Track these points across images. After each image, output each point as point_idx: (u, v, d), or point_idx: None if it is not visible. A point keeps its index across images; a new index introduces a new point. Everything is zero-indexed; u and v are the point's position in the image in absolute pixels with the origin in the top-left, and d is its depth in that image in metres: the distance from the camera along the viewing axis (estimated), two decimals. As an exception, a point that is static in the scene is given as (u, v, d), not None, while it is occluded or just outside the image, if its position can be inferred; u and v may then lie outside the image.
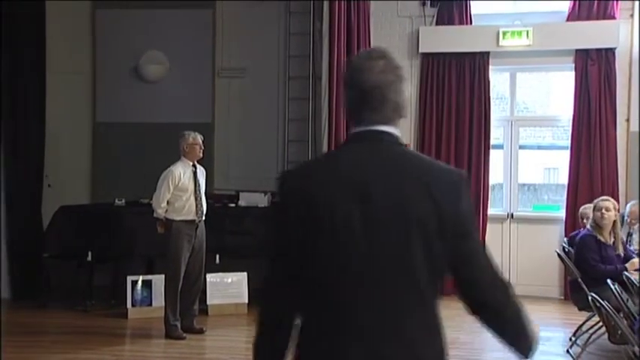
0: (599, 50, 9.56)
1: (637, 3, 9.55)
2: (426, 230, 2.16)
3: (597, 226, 7.17)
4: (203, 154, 7.60)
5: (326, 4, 8.77)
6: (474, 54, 9.85)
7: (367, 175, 2.20)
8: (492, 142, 9.98)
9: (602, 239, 7.12)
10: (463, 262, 2.25)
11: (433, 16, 10.00)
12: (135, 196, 9.11)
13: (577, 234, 7.80)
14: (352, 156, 2.27)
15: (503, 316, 2.30)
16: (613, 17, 9.55)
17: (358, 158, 2.25)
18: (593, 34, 9.53)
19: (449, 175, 2.27)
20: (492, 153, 9.98)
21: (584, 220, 7.84)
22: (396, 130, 2.30)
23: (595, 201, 7.43)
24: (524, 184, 10.48)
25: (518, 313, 2.32)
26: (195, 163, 7.54)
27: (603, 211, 7.15)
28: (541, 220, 10.10)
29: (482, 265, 2.28)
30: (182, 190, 7.38)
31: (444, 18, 9.95)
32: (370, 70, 2.24)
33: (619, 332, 4.65)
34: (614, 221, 7.19)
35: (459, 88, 9.93)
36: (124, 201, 9.29)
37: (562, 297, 9.49)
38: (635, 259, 6.77)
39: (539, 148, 10.77)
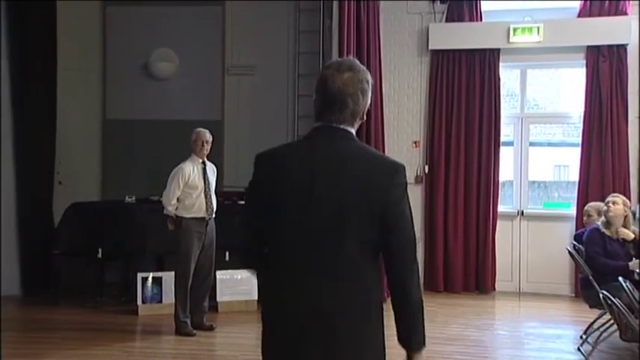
0: (610, 46, 9.56)
1: (650, -3, 9.57)
2: (357, 212, 2.62)
3: (606, 221, 7.19)
4: (212, 151, 7.62)
5: (335, 2, 8.76)
6: (484, 51, 9.88)
7: (316, 162, 2.69)
8: (502, 139, 9.99)
9: (609, 234, 7.16)
10: (388, 243, 2.65)
11: (443, 13, 10.04)
12: (145, 194, 9.14)
13: (583, 232, 7.81)
14: (309, 145, 2.80)
15: (408, 300, 2.68)
16: (625, 13, 9.54)
17: (313, 148, 2.76)
18: (604, 30, 9.53)
19: (385, 166, 2.70)
20: (502, 150, 9.99)
21: (585, 218, 7.89)
22: (352, 127, 2.77)
23: (607, 199, 7.44)
24: (534, 182, 10.49)
25: (419, 305, 2.69)
26: (205, 160, 7.55)
27: (610, 204, 7.17)
28: (551, 217, 10.09)
29: (403, 258, 2.66)
30: (192, 187, 7.40)
31: (454, 15, 9.98)
32: (335, 81, 2.71)
33: (631, 330, 4.63)
34: (626, 217, 7.20)
35: (468, 85, 9.96)
36: (134, 198, 9.30)
37: (573, 294, 9.49)
38: (637, 261, 6.76)
39: (550, 145, 10.80)
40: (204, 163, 7.54)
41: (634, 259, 6.87)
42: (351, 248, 2.63)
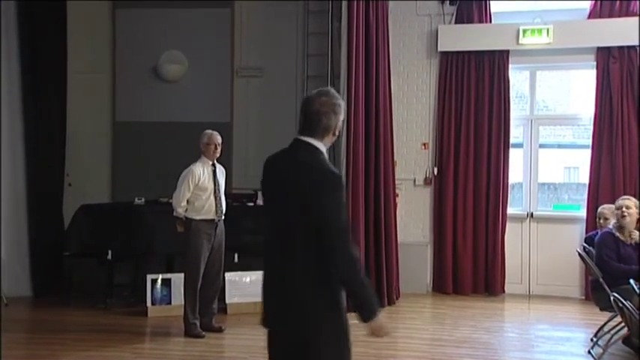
0: (620, 48, 9.56)
1: (660, 0, 9.56)
2: (301, 211, 3.40)
3: (619, 225, 7.16)
4: (221, 153, 7.63)
5: (344, 4, 8.74)
6: (493, 52, 9.89)
7: (287, 169, 3.56)
8: (512, 140, 10.00)
9: (622, 238, 7.14)
10: (323, 240, 3.38)
11: (452, 15, 10.06)
12: (154, 195, 9.15)
13: (594, 234, 7.79)
14: (287, 154, 3.63)
15: (349, 287, 3.45)
16: (635, 14, 9.50)
17: (287, 156, 3.62)
18: (614, 31, 9.53)
19: (321, 176, 3.44)
20: (512, 152, 9.99)
21: (601, 220, 7.82)
22: (319, 142, 3.55)
23: (618, 200, 7.40)
24: (544, 184, 10.48)
25: (361, 288, 3.42)
26: (215, 162, 7.56)
27: (624, 209, 7.17)
28: (561, 219, 10.08)
29: (332, 244, 3.38)
30: (202, 189, 7.41)
31: (463, 16, 9.99)
32: (313, 103, 3.54)
33: (641, 332, 4.61)
34: (638, 219, 7.17)
35: (478, 87, 9.97)
36: (143, 200, 9.32)
37: (583, 297, 9.50)
38: None
39: (560, 146, 10.79)
40: (214, 165, 7.55)
41: None
42: (295, 233, 3.44)
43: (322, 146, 3.57)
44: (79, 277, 9.41)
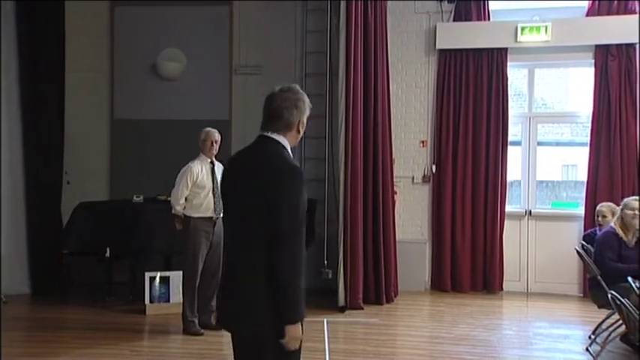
0: (619, 46, 9.58)
1: (658, -2, 9.59)
2: (258, 202, 3.42)
3: (623, 225, 7.16)
4: (220, 150, 7.63)
5: (343, 2, 8.76)
6: (491, 50, 9.90)
7: (249, 162, 3.62)
8: (510, 138, 10.01)
9: (625, 239, 7.13)
10: (270, 231, 3.39)
11: (450, 12, 10.07)
12: (153, 193, 9.19)
13: (593, 232, 7.81)
14: (250, 151, 3.69)
15: (284, 283, 3.36)
16: (634, 12, 9.53)
17: (250, 153, 3.68)
18: (613, 29, 9.55)
19: (280, 171, 3.46)
20: (510, 149, 10.01)
21: (599, 218, 7.82)
22: (282, 137, 3.59)
23: (625, 200, 7.38)
24: (542, 181, 10.49)
25: (295, 288, 3.38)
26: (214, 159, 7.57)
27: (636, 212, 7.12)
28: (559, 217, 10.11)
29: (277, 240, 3.37)
30: (200, 187, 7.43)
31: (462, 14, 10.01)
32: (275, 99, 3.60)
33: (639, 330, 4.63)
34: None
35: (476, 85, 9.99)
36: (142, 197, 9.34)
37: (581, 294, 9.53)
38: None
39: (558, 144, 10.81)
40: (212, 162, 7.56)
41: None
42: (255, 232, 3.44)
43: (286, 142, 3.59)
44: (77, 275, 9.47)
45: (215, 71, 10.33)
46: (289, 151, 3.60)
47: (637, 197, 7.42)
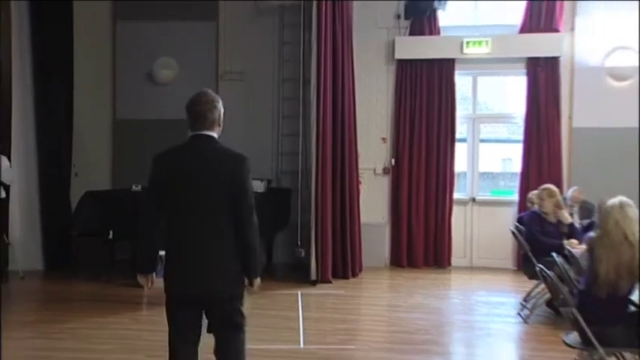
0: (546, 58, 9.68)
1: (577, 18, 9.67)
2: (221, 189, 3.62)
3: (555, 209, 7.29)
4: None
5: (314, 18, 8.79)
6: (441, 60, 9.91)
7: (193, 158, 3.70)
8: (457, 136, 10.04)
9: (546, 217, 7.25)
10: (236, 213, 3.63)
11: (406, 28, 10.05)
12: (149, 183, 9.15)
13: (523, 215, 7.90)
14: (189, 147, 3.77)
15: (247, 250, 3.66)
16: (557, 30, 9.65)
17: (191, 148, 3.75)
18: (541, 44, 9.65)
19: (235, 159, 3.69)
20: (457, 145, 10.05)
21: (529, 204, 7.94)
22: (214, 132, 3.76)
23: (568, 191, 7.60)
24: (484, 173, 10.52)
25: (254, 249, 3.68)
26: None
27: (554, 199, 7.27)
28: (498, 203, 10.18)
29: (244, 215, 3.64)
30: None
31: (416, 29, 10.00)
32: (199, 103, 3.76)
33: (561, 297, 4.77)
34: (557, 201, 7.31)
35: (428, 90, 9.98)
36: (140, 187, 9.28)
37: (515, 268, 9.59)
38: (574, 241, 6.84)
39: (497, 141, 10.77)
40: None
41: (566, 239, 6.98)
42: (218, 212, 3.64)
43: (216, 136, 3.78)
44: (84, 254, 9.46)
45: (203, 77, 10.20)
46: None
47: (547, 186, 7.53)
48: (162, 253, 8.55)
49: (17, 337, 6.19)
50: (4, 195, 8.62)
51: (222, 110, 3.84)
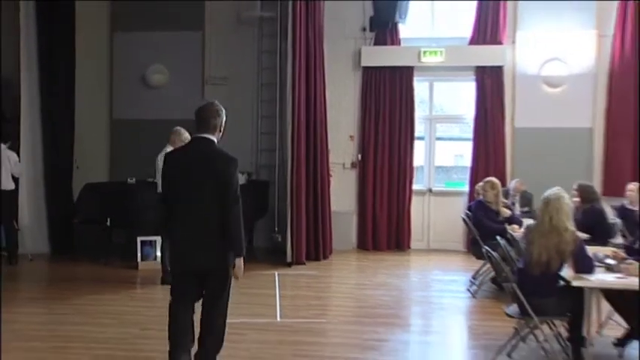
0: (492, 67, 9.76)
1: (518, 33, 9.78)
2: (212, 184, 3.96)
3: (497, 199, 7.38)
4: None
5: (290, 29, 8.79)
6: (401, 68, 9.93)
7: (194, 157, 4.06)
8: (416, 134, 10.06)
9: (489, 206, 7.33)
10: (222, 202, 3.97)
11: (371, 39, 10.06)
12: (143, 176, 9.07)
13: (472, 204, 7.97)
14: (191, 147, 4.19)
15: (234, 233, 3.99)
16: (501, 43, 9.75)
17: (192, 149, 4.15)
18: (487, 55, 9.73)
19: (225, 160, 4.03)
20: (416, 143, 10.07)
21: (476, 194, 8.03)
22: (213, 136, 4.11)
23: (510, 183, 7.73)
24: (439, 166, 10.52)
25: (237, 233, 3.99)
26: None
27: (495, 190, 7.38)
28: (451, 193, 10.25)
29: (229, 205, 3.96)
30: None
31: (380, 40, 10.00)
32: (205, 110, 4.10)
33: (503, 274, 4.89)
34: (497, 193, 7.37)
35: (391, 94, 9.99)
36: (134, 180, 9.29)
37: (465, 250, 9.57)
38: (515, 226, 6.94)
39: (451, 139, 10.80)
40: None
41: (507, 224, 7.06)
42: (209, 202, 3.98)
43: (215, 139, 4.12)
44: (85, 239, 9.38)
45: (191, 82, 10.21)
46: (217, 144, 4.13)
47: (490, 178, 7.60)
48: (155, 238, 8.53)
49: (27, 312, 6.23)
50: (13, 186, 8.59)
51: (224, 119, 4.16)
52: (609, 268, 4.70)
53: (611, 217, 7.31)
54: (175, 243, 4.18)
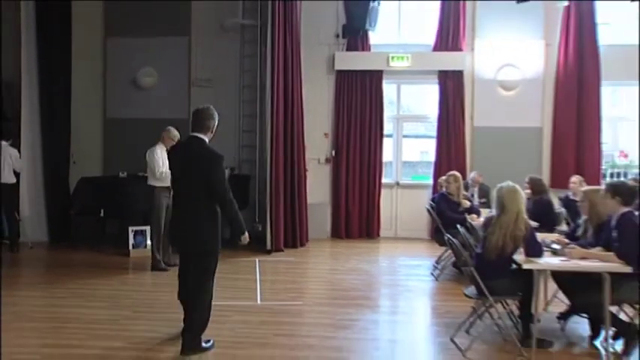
0: (453, 71, 9.82)
1: (476, 40, 9.86)
2: (200, 179, 4.18)
3: (458, 192, 7.42)
4: (178, 141, 7.50)
5: (269, 35, 8.77)
6: (372, 71, 9.95)
7: (187, 154, 4.30)
8: (385, 132, 10.09)
9: (451, 198, 7.39)
10: (213, 196, 4.20)
11: (344, 44, 10.07)
12: (134, 171, 9.04)
13: (435, 196, 8.01)
14: (186, 145, 4.41)
15: (230, 217, 4.26)
16: (461, 49, 9.81)
17: (186, 147, 4.38)
18: (449, 60, 9.78)
19: (212, 157, 4.23)
20: (385, 140, 10.10)
21: (439, 187, 8.08)
22: (205, 136, 4.32)
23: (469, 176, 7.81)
24: (406, 162, 10.54)
25: (234, 215, 4.26)
26: (168, 149, 7.35)
27: (458, 183, 7.44)
28: (417, 186, 10.28)
29: (220, 196, 4.20)
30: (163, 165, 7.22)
31: (352, 46, 10.01)
32: (201, 112, 4.31)
33: (463, 259, 4.93)
34: (459, 186, 7.42)
35: (362, 95, 10.01)
36: (126, 174, 9.24)
37: (429, 238, 9.65)
38: (474, 215, 7.00)
39: (416, 137, 10.82)
40: (168, 151, 7.39)
41: (467, 214, 7.11)
42: (200, 193, 4.20)
43: (207, 139, 4.32)
44: (81, 229, 9.33)
45: (178, 84, 10.17)
46: (208, 143, 4.32)
47: (453, 172, 7.64)
48: (145, 228, 8.48)
49: (27, 295, 6.21)
50: (15, 180, 8.52)
51: (216, 123, 4.36)
52: (555, 252, 4.78)
53: (557, 206, 7.43)
54: (173, 230, 4.46)
